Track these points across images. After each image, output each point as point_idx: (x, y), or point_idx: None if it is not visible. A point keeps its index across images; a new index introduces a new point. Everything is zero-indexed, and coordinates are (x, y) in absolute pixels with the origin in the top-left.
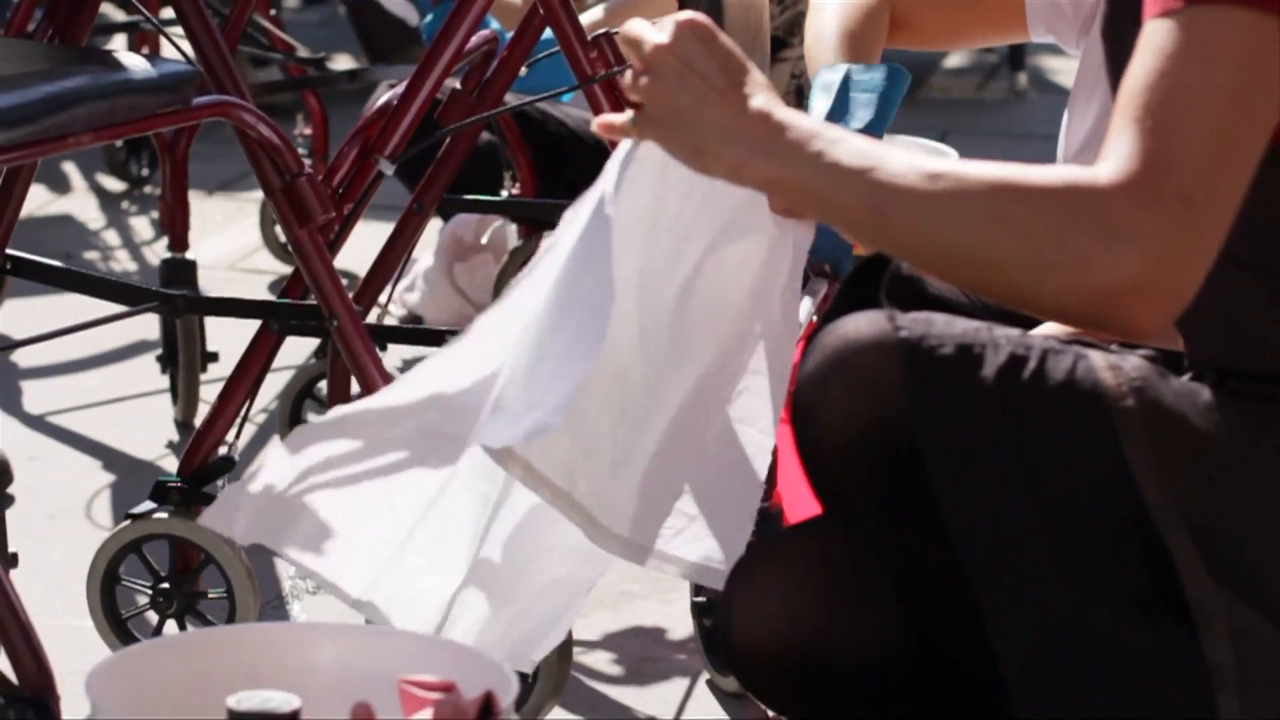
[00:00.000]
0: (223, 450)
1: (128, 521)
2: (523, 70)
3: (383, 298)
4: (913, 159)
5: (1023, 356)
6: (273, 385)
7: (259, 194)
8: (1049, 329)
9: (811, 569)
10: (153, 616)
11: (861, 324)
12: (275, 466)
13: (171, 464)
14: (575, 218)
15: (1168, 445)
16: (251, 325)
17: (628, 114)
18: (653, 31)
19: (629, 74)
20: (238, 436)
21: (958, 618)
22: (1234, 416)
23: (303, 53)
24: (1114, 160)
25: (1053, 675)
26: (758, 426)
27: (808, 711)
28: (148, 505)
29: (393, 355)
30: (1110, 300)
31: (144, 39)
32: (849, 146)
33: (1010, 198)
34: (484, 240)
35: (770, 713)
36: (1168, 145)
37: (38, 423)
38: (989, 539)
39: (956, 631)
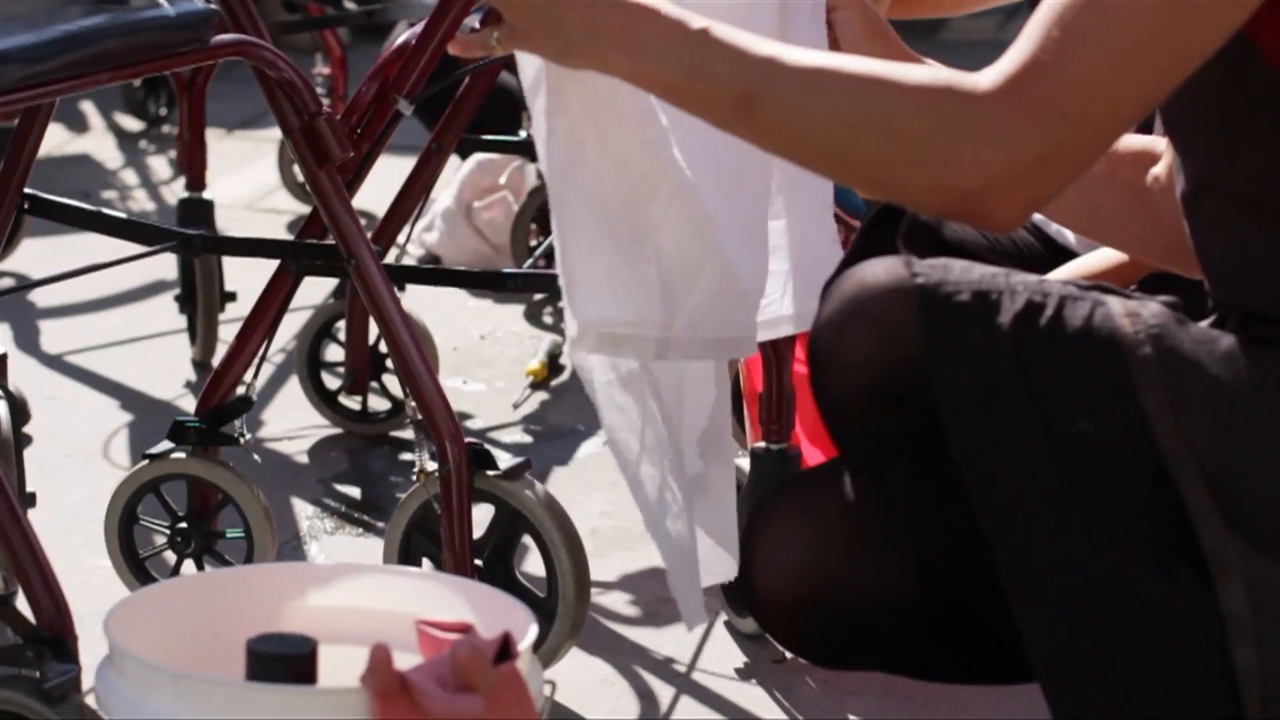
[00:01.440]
0: (240, 390)
1: (145, 461)
2: None
3: (401, 237)
4: (783, 48)
5: (1040, 303)
6: (290, 325)
7: (277, 133)
8: (1068, 272)
9: (830, 512)
10: (170, 556)
11: (878, 270)
12: None
13: (189, 404)
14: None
15: (1184, 393)
16: (269, 265)
17: (485, 30)
18: None
19: None
20: (255, 376)
21: (974, 563)
22: (1253, 364)
23: None
24: (1003, 66)
25: (1067, 625)
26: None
27: (826, 654)
28: (165, 445)
29: (411, 295)
30: (969, 200)
31: None
32: (714, 35)
33: (883, 95)
34: (502, 180)
35: (788, 654)
36: (1063, 60)
37: (55, 362)
38: (1003, 487)
39: (972, 577)
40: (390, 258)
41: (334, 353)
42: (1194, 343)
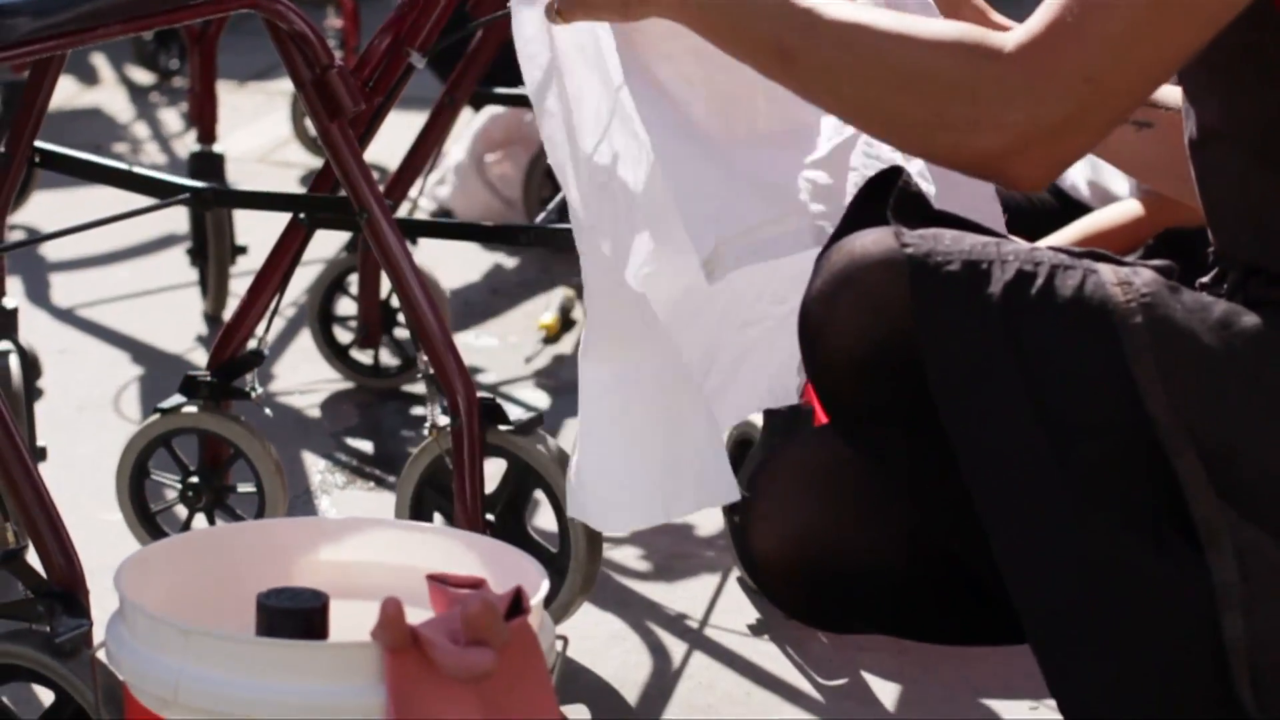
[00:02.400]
0: (252, 344)
1: (156, 415)
2: None
3: (413, 191)
4: (820, 1)
5: (1031, 273)
6: (302, 279)
7: (289, 86)
8: (1076, 231)
9: (828, 478)
10: (182, 511)
11: (868, 241)
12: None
13: (201, 357)
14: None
15: (1176, 362)
16: (281, 218)
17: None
18: None
19: None
20: (267, 330)
21: (968, 529)
22: (1246, 331)
23: None
24: (1028, 27)
25: (1057, 594)
26: None
27: (825, 618)
28: (177, 399)
29: (423, 249)
30: (994, 160)
31: None
32: None
33: (910, 55)
34: (515, 134)
35: None
36: (1085, 22)
37: (66, 316)
38: (993, 457)
39: (967, 542)
40: (402, 211)
41: (346, 307)
42: (1186, 311)
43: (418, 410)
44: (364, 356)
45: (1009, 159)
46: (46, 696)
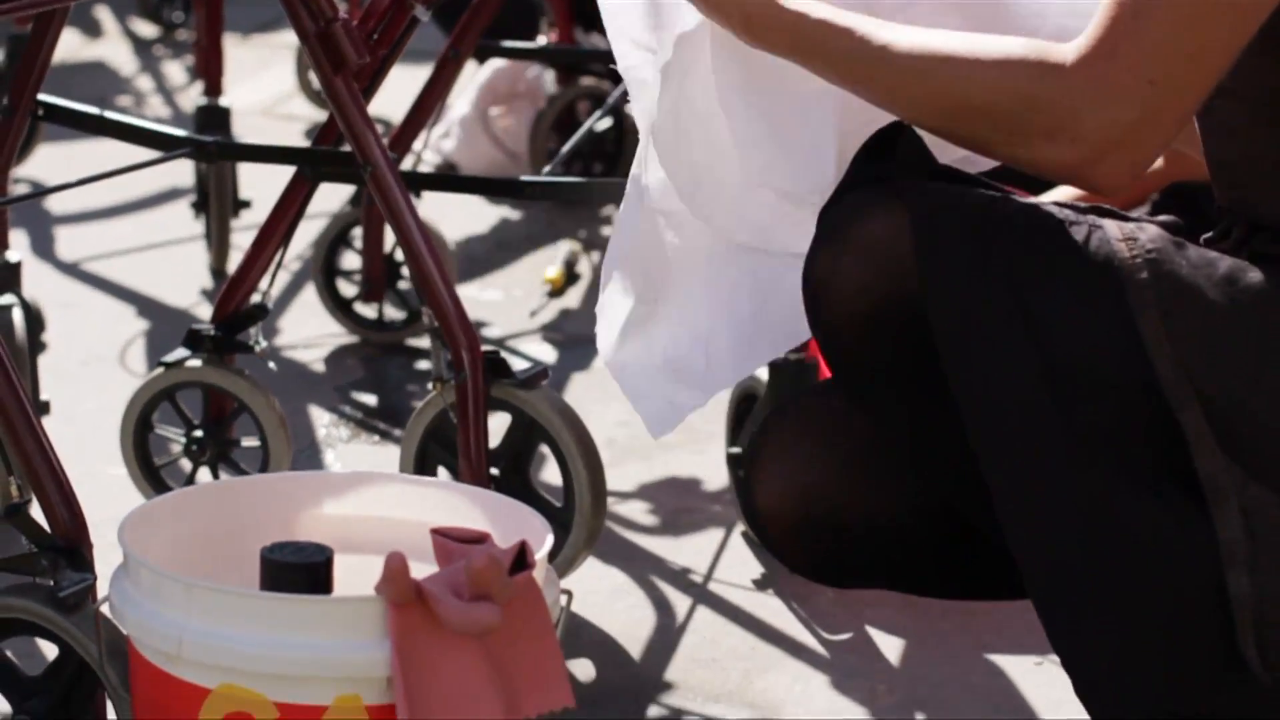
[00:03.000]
0: (256, 298)
1: (160, 369)
2: None
3: (418, 144)
4: (881, 27)
5: (1035, 228)
6: (306, 232)
7: (294, 39)
8: (1066, 194)
9: (830, 433)
10: (186, 465)
11: (872, 197)
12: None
13: (205, 311)
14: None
15: (1182, 318)
16: (285, 172)
17: None
18: None
19: None
20: (271, 284)
21: (972, 485)
22: (1253, 287)
23: None
24: (1088, 37)
25: (1061, 551)
26: None
27: (827, 572)
28: (181, 353)
29: (427, 202)
30: (1074, 170)
31: None
32: (818, 17)
33: (981, 78)
34: (520, 87)
35: None
36: (1141, 26)
37: (71, 269)
38: (998, 414)
39: (971, 498)
40: (407, 165)
41: (350, 261)
42: (1192, 267)
43: (422, 364)
44: (368, 310)
45: (1088, 167)
46: (50, 651)
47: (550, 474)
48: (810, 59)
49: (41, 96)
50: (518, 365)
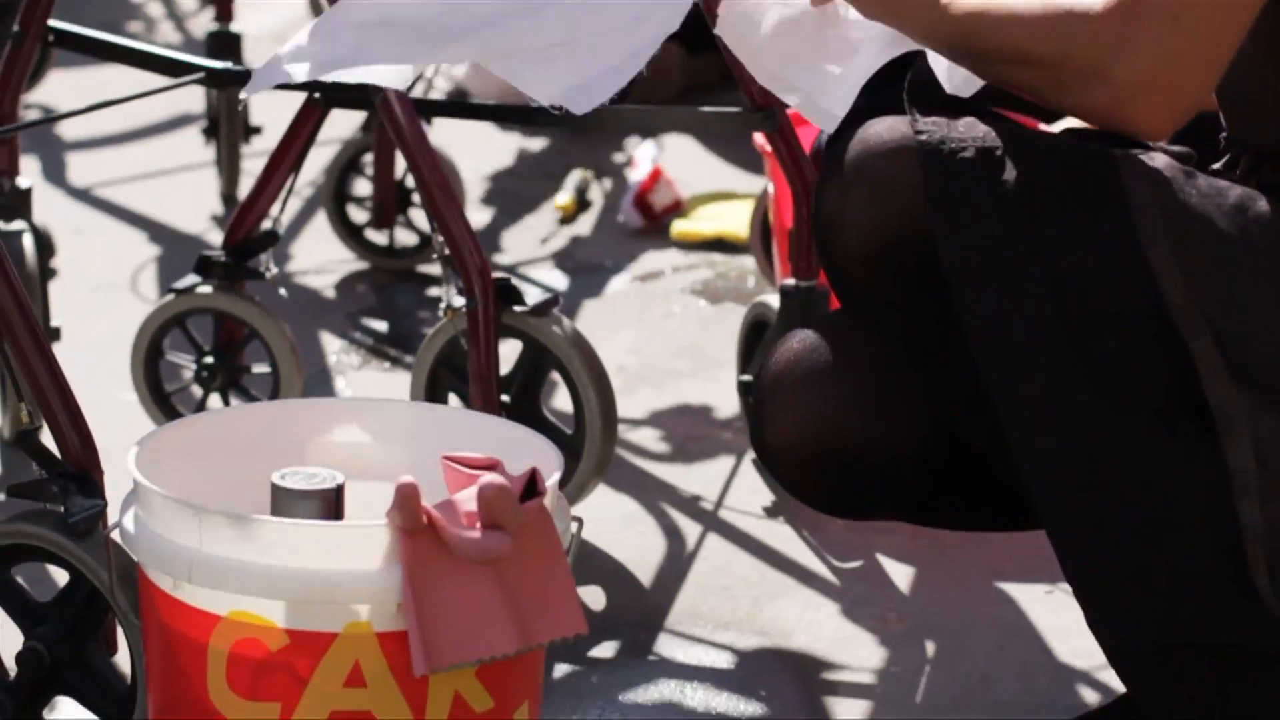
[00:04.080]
0: (267, 224)
1: (171, 296)
2: None
3: (429, 71)
4: None
5: (1044, 158)
6: (317, 159)
7: None
8: (1076, 124)
9: (842, 366)
10: (197, 391)
11: (881, 129)
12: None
13: (216, 237)
14: None
15: (1192, 247)
16: (296, 98)
17: None
18: None
19: None
20: (282, 210)
21: (982, 417)
22: (1262, 215)
23: None
24: None
25: (1073, 482)
26: None
27: (837, 504)
28: (191, 279)
29: (438, 129)
30: (1113, 113)
31: None
32: None
33: (1021, 33)
34: None
35: None
36: None
37: (82, 195)
38: (1009, 346)
39: (981, 430)
40: (418, 91)
41: (361, 187)
42: (1202, 196)
43: (433, 291)
44: (379, 237)
45: (1125, 111)
46: (61, 577)
47: (561, 401)
48: (897, 20)
49: (52, 22)
50: (529, 292)
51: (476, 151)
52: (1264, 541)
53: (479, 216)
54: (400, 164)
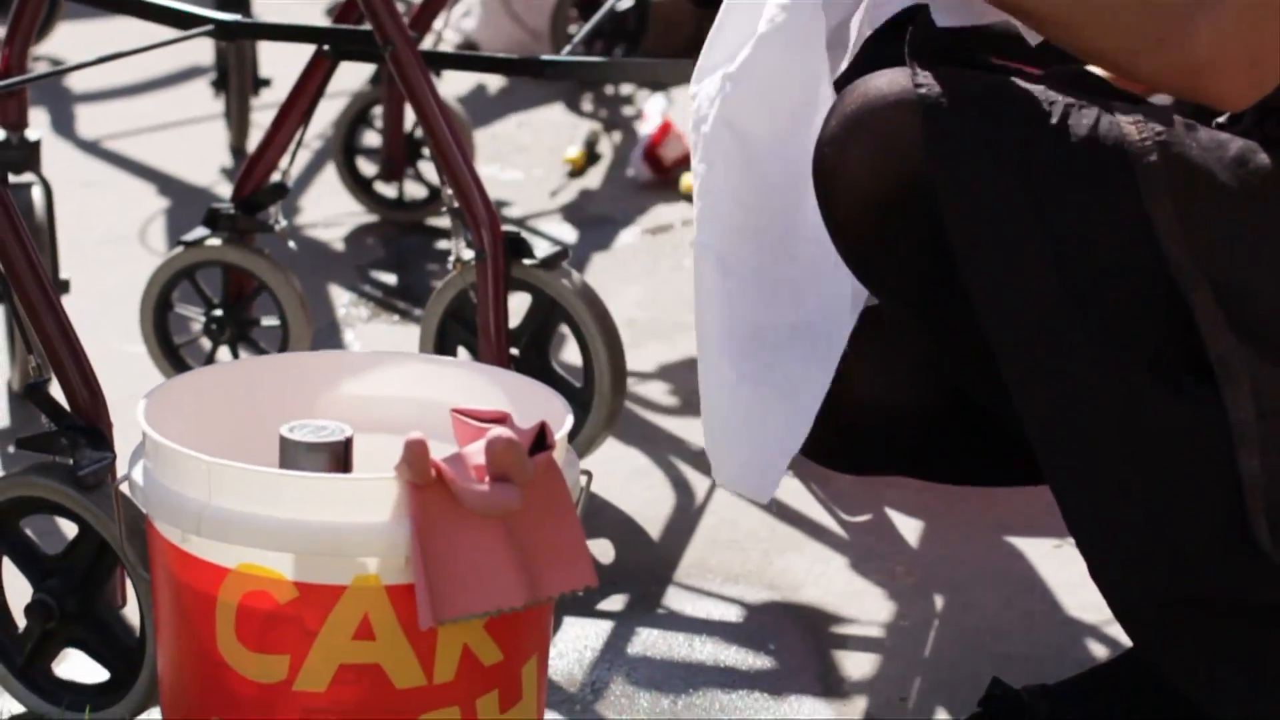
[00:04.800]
0: (276, 177)
1: (180, 248)
2: None
3: (438, 23)
4: None
5: (1045, 112)
6: (327, 111)
7: None
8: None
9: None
10: (205, 344)
11: (881, 83)
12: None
13: (225, 190)
14: None
15: (1191, 200)
16: (306, 50)
17: None
18: None
19: None
20: (291, 163)
21: (985, 372)
22: (1263, 169)
23: None
24: None
25: (1075, 435)
26: None
27: (846, 460)
28: (200, 231)
29: (447, 81)
30: (1192, 79)
31: None
32: None
33: None
34: None
35: None
36: None
37: (91, 148)
38: (1010, 301)
39: (984, 384)
40: (427, 43)
41: (370, 139)
42: (1202, 149)
43: (442, 244)
44: (388, 190)
45: (1204, 77)
46: (70, 530)
47: (570, 354)
48: None
49: None
50: (538, 245)
51: (485, 104)
52: (1264, 493)
53: (488, 169)
54: (410, 117)
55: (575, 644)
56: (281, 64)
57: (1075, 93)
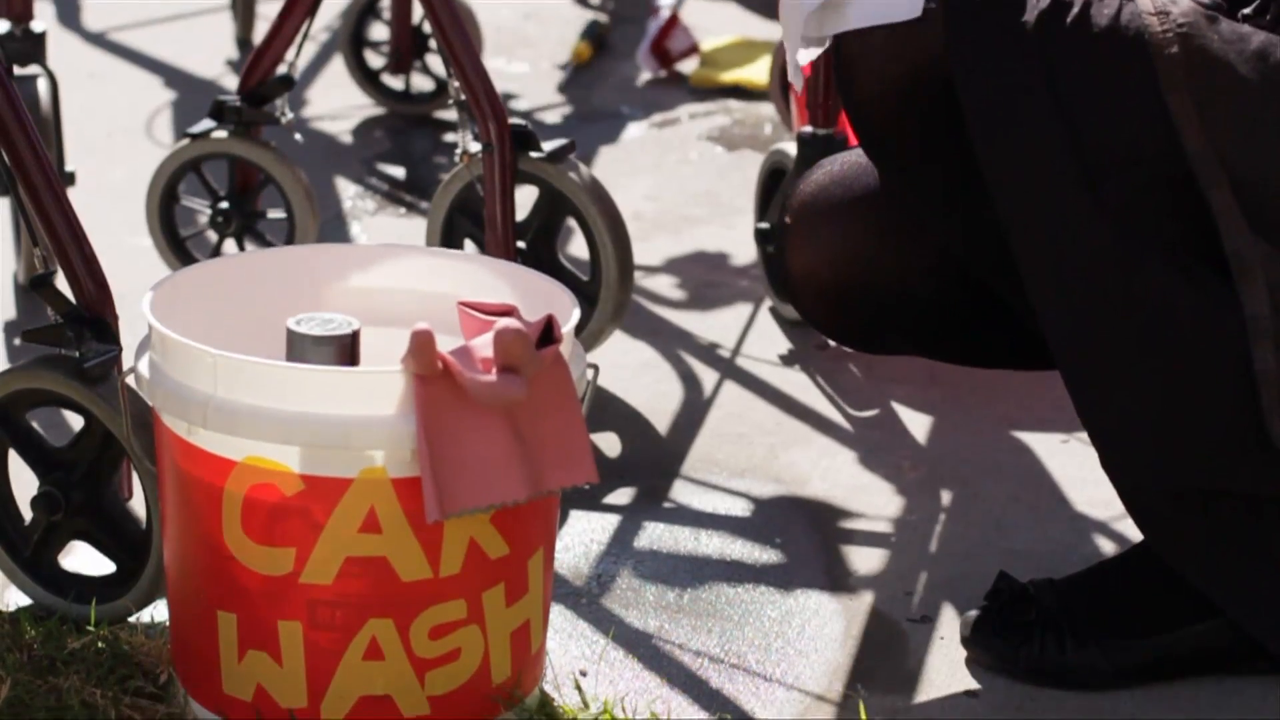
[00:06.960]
0: (282, 69)
1: (186, 140)
2: None
3: None
4: None
5: (1066, 2)
6: (334, 3)
7: None
8: None
9: (861, 201)
10: (211, 236)
11: None
12: None
13: (231, 82)
14: None
15: (1212, 94)
16: None
17: None
18: None
19: None
20: (298, 55)
21: (999, 257)
22: None
23: None
24: None
25: (1089, 325)
26: None
27: (857, 336)
28: (207, 124)
29: None
30: None
31: None
32: None
33: None
34: None
35: (831, 342)
36: None
37: (97, 40)
38: (1026, 188)
39: (999, 270)
40: None
41: (378, 31)
42: (1224, 42)
43: (449, 136)
44: (395, 82)
45: None
46: (76, 422)
47: (577, 247)
48: None
49: None
50: (545, 139)
51: None
52: (1277, 386)
53: (495, 62)
54: (417, 9)
55: (581, 537)
56: None
57: None
